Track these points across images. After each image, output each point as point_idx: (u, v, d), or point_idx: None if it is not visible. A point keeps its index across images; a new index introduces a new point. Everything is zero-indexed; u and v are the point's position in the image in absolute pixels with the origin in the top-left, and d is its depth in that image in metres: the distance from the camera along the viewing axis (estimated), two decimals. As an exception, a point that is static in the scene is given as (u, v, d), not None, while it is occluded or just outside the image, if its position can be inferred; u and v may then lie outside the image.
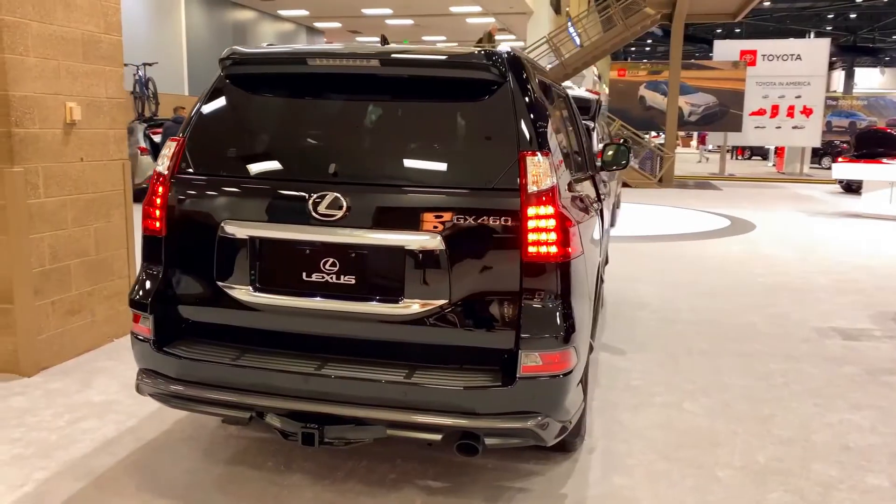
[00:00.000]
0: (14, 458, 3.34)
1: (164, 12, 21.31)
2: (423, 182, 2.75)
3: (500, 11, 26.05)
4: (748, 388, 4.44)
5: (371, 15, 26.54)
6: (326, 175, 2.78)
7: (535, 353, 2.65)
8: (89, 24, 4.69)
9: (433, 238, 2.66)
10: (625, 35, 20.61)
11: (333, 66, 2.85)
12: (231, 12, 24.61)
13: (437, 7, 24.85)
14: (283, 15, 27.03)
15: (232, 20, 24.56)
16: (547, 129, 2.92)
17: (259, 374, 2.77)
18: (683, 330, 5.67)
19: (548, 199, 2.67)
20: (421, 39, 31.45)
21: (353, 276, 2.75)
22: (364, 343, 2.84)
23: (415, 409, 2.67)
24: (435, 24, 28.08)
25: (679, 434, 3.75)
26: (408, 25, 28.62)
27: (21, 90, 4.20)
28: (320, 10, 25.96)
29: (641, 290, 7.04)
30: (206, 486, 3.13)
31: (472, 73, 2.79)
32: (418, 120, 2.86)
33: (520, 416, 2.66)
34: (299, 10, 26.16)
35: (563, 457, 3.45)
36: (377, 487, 3.14)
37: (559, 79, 20.34)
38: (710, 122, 24.19)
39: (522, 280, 2.67)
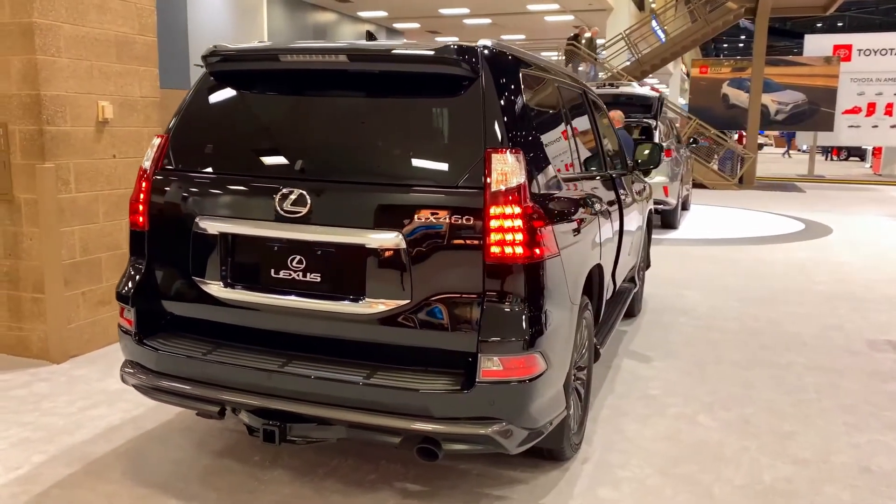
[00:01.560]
0: (21, 440, 3.50)
1: (247, 15, 22.03)
2: (386, 179, 2.71)
3: (578, 9, 25.64)
4: (774, 402, 4.18)
5: (448, 15, 26.62)
6: (295, 172, 2.77)
7: (495, 357, 2.57)
8: (123, 26, 4.86)
9: (394, 237, 2.61)
10: (705, 31, 19.93)
11: (304, 63, 2.84)
12: (312, 14, 25.20)
13: (514, 6, 24.67)
14: (362, 16, 27.46)
15: (312, 22, 25.14)
16: (523, 126, 2.83)
17: (226, 370, 2.79)
18: (720, 338, 5.40)
19: (514, 198, 2.57)
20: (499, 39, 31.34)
21: (319, 274, 2.74)
22: (331, 342, 2.82)
23: (373, 410, 2.63)
24: (512, 22, 27.91)
25: (684, 448, 3.56)
26: (485, 25, 28.54)
27: (53, 90, 4.40)
28: (398, 11, 26.23)
29: (688, 295, 6.75)
30: (189, 476, 3.19)
31: (442, 68, 2.72)
32: (387, 116, 2.82)
33: (479, 422, 2.58)
34: (378, 11, 26.51)
35: (553, 465, 3.34)
36: (354, 487, 3.12)
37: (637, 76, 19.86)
38: (798, 121, 23.04)
39: (485, 281, 2.59)
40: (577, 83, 4.20)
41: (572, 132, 3.62)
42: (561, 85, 3.69)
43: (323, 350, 2.83)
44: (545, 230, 2.69)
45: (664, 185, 9.87)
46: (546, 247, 2.69)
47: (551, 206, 2.89)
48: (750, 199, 16.06)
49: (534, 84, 3.23)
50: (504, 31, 29.89)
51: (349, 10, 26.22)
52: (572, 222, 3.07)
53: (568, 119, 3.62)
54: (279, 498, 3.03)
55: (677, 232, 10.56)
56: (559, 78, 3.70)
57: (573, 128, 3.68)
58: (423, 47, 2.74)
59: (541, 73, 3.38)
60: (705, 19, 19.58)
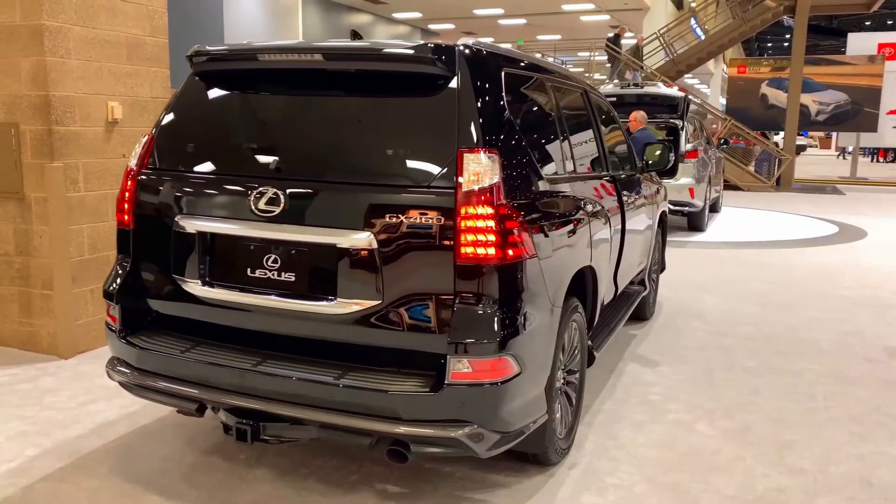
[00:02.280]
0: (18, 434, 3.57)
1: (282, 17, 22.29)
2: (359, 179, 2.69)
3: (614, 8, 25.38)
4: (780, 410, 4.06)
5: (483, 15, 26.58)
6: (271, 171, 2.78)
7: (465, 359, 2.53)
8: (134, 28, 4.94)
9: (365, 237, 2.59)
10: (743, 29, 19.57)
11: (281, 62, 2.84)
12: (347, 16, 25.39)
13: (548, 5, 24.52)
14: (396, 18, 27.57)
15: (347, 23, 25.32)
16: (502, 126, 2.79)
17: (201, 368, 2.81)
18: (733, 344, 5.27)
19: (486, 198, 2.54)
20: (535, 39, 31.20)
21: (293, 274, 2.74)
22: (307, 342, 2.82)
23: (342, 411, 2.61)
24: (548, 23, 27.75)
25: (677, 455, 3.48)
26: (520, 25, 28.43)
27: (62, 90, 4.49)
28: (432, 11, 26.27)
29: (705, 299, 6.61)
30: (173, 473, 3.22)
31: (417, 67, 2.69)
32: (362, 115, 2.81)
33: (448, 425, 2.55)
34: (412, 12, 26.59)
35: (539, 470, 3.28)
36: (335, 488, 3.11)
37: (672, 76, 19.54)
38: (840, 121, 22.47)
39: (456, 282, 2.56)
40: (576, 83, 4.12)
41: (565, 132, 3.55)
42: (555, 85, 3.63)
43: (299, 350, 2.83)
44: (520, 231, 2.65)
45: (690, 186, 9.70)
46: (521, 248, 2.65)
47: (531, 207, 2.84)
48: (785, 201, 15.70)
49: (520, 84, 3.18)
50: (540, 32, 29.76)
51: (384, 11, 26.34)
52: (555, 223, 3.01)
53: (561, 119, 3.56)
54: (258, 497, 3.03)
55: (704, 234, 10.36)
56: (553, 78, 3.63)
57: (567, 128, 3.61)
58: (398, 46, 2.72)
59: (529, 72, 3.32)
60: (742, 18, 19.20)
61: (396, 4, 25.22)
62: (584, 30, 29.31)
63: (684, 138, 9.84)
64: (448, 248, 2.55)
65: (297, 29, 22.75)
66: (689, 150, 9.76)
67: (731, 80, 23.16)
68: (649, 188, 5.28)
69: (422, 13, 26.70)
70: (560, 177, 3.32)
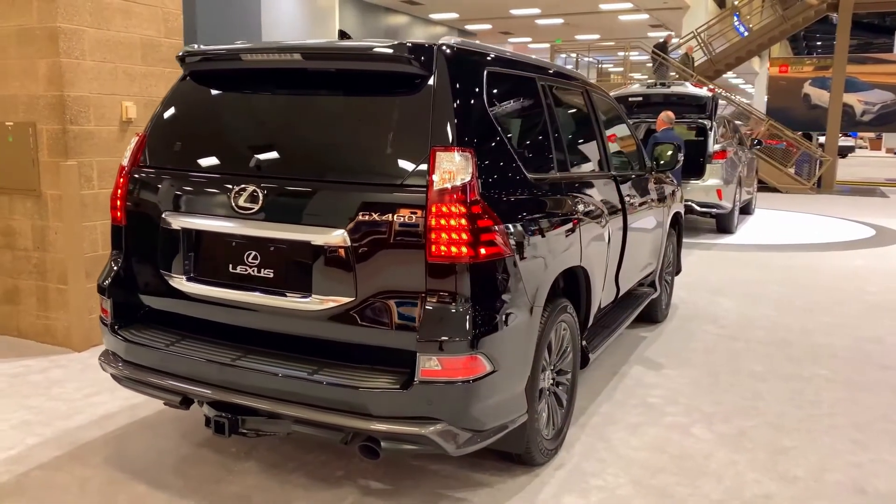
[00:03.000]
0: (21, 423, 3.69)
1: (319, 19, 22.54)
2: (334, 177, 2.73)
3: (653, 7, 25.06)
4: (781, 415, 3.98)
5: (520, 15, 26.51)
6: (251, 169, 2.83)
7: (434, 357, 2.54)
8: (149, 30, 5.06)
9: (339, 234, 2.62)
10: (783, 28, 19.17)
11: (263, 62, 2.89)
12: (384, 17, 25.55)
13: (586, 5, 24.34)
14: (433, 18, 27.66)
15: (384, 25, 25.50)
16: (481, 125, 2.79)
17: (184, 362, 2.87)
18: (744, 348, 5.18)
19: (458, 197, 2.54)
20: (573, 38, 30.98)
21: (272, 270, 2.78)
22: (284, 337, 2.86)
23: (315, 406, 2.65)
24: (585, 22, 27.53)
25: (668, 459, 3.44)
26: (558, 25, 28.27)
27: (76, 91, 4.63)
28: (469, 12, 26.29)
29: (723, 303, 6.50)
30: (165, 465, 3.29)
31: (394, 66, 2.72)
32: (339, 114, 2.84)
33: (418, 422, 2.56)
34: (449, 13, 26.64)
35: (525, 471, 3.28)
36: (319, 482, 3.15)
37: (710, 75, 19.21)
38: (887, 121, 21.88)
39: (427, 280, 2.57)
40: (575, 82, 4.09)
41: (558, 132, 3.53)
42: (550, 84, 3.61)
43: (281, 346, 2.87)
44: (495, 230, 2.65)
45: (717, 188, 9.54)
46: (495, 247, 2.65)
47: (511, 206, 2.84)
48: (824, 203, 15.31)
49: (506, 83, 3.18)
50: (578, 31, 29.54)
51: (420, 12, 26.44)
52: (538, 223, 2.99)
53: (554, 118, 3.53)
54: (241, 489, 3.09)
55: (733, 237, 10.17)
56: (547, 77, 3.61)
57: (561, 127, 3.59)
58: (376, 45, 2.74)
59: (518, 71, 3.32)
60: (783, 15, 18.80)
61: (432, 5, 25.29)
62: (622, 29, 29.01)
63: (712, 139, 9.67)
64: (421, 246, 2.56)
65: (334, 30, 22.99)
66: (717, 151, 9.59)
67: (772, 80, 22.68)
68: (660, 189, 5.21)
69: (458, 14, 26.74)
70: (549, 176, 3.31)
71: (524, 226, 2.89)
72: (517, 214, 2.87)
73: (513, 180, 2.94)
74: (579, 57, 25.15)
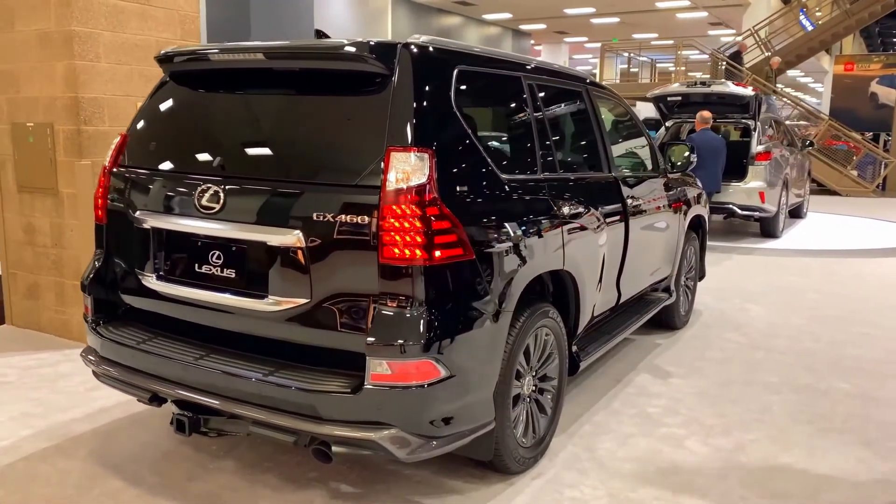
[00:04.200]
0: (20, 414, 3.81)
1: (372, 20, 22.75)
2: (291, 177, 2.72)
3: (712, 4, 24.41)
4: (786, 430, 3.79)
5: (574, 15, 26.20)
6: (215, 169, 2.84)
7: (383, 360, 2.50)
8: (165, 32, 5.17)
9: (294, 235, 2.60)
10: (847, 24, 18.41)
11: (230, 62, 2.90)
12: (437, 18, 25.62)
13: (642, 3, 23.89)
14: (487, 19, 27.58)
15: (437, 26, 25.55)
16: (446, 125, 2.74)
17: (152, 360, 2.90)
18: (763, 358, 4.96)
19: (412, 198, 2.49)
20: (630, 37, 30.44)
21: (234, 270, 2.79)
22: (251, 338, 2.86)
23: (269, 407, 2.63)
24: (642, 20, 27.02)
25: (654, 472, 3.31)
26: (613, 24, 27.82)
27: (91, 92, 4.75)
28: (522, 12, 26.13)
29: (751, 310, 6.25)
30: (145, 460, 3.34)
31: (353, 65, 2.68)
32: (300, 114, 2.82)
33: (367, 427, 2.52)
34: (502, 13, 26.53)
35: (501, 479, 3.20)
36: (289, 484, 3.14)
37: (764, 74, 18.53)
38: (959, 121, 20.67)
39: (379, 283, 2.53)
40: (571, 81, 3.97)
41: (545, 132, 3.44)
42: (539, 83, 3.52)
43: (245, 346, 2.87)
44: (454, 232, 2.59)
45: (760, 190, 9.19)
46: (453, 249, 2.58)
47: (476, 208, 2.77)
48: (886, 207, 14.59)
49: (481, 82, 3.11)
50: (634, 30, 29.02)
51: (473, 13, 26.42)
52: (507, 225, 2.91)
53: (541, 119, 3.44)
54: (213, 488, 3.10)
55: (778, 241, 9.78)
56: (534, 76, 3.51)
57: (549, 127, 3.49)
58: (337, 44, 2.71)
59: (497, 70, 3.24)
60: (847, 10, 18.03)
61: (485, 5, 25.22)
62: (681, 28, 28.36)
63: (756, 139, 9.33)
64: (374, 248, 2.52)
65: (387, 32, 23.16)
66: (760, 152, 9.24)
67: (837, 78, 21.75)
68: (677, 191, 5.04)
69: (511, 14, 26.61)
70: (530, 177, 3.22)
71: (492, 228, 2.82)
72: (484, 216, 2.80)
73: (482, 182, 2.87)
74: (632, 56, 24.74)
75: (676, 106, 9.98)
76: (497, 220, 2.87)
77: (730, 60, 16.92)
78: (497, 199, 2.94)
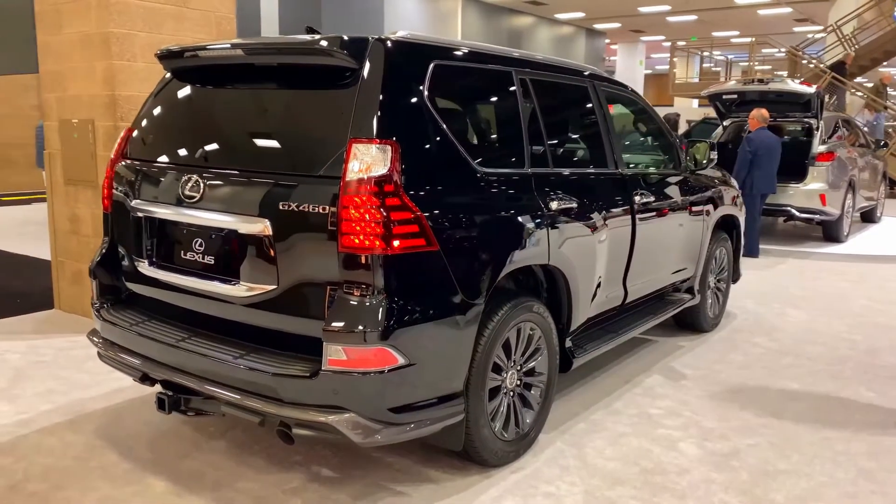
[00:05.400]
0: (45, 391, 4.07)
1: (442, 21, 22.93)
2: (262, 168, 2.82)
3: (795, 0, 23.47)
4: (790, 438, 3.65)
5: (648, 13, 25.69)
6: (197, 159, 2.98)
7: (339, 346, 2.57)
8: (200, 33, 5.40)
9: (261, 223, 2.70)
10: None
11: (213, 58, 3.03)
12: (508, 19, 25.59)
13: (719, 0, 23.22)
14: (559, 18, 27.36)
15: (508, 26, 25.53)
16: (413, 118, 2.78)
17: (140, 341, 3.06)
18: (789, 364, 4.78)
19: (371, 188, 2.55)
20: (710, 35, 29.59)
21: (213, 257, 2.91)
22: (229, 323, 2.97)
23: (238, 388, 2.74)
24: (721, 18, 26.23)
25: (636, 472, 3.26)
26: (691, 22, 27.12)
27: (127, 91, 5.02)
28: (596, 11, 25.81)
29: (792, 315, 6.02)
30: (144, 437, 3.52)
31: (323, 59, 2.75)
32: (276, 107, 2.93)
33: (324, 410, 2.60)
34: (574, 12, 26.26)
35: (480, 471, 3.22)
36: (273, 465, 3.25)
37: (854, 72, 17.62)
38: None
39: (339, 271, 2.60)
40: (576, 76, 3.93)
41: (537, 126, 3.43)
42: (532, 78, 3.50)
43: (225, 331, 2.99)
44: (414, 223, 2.63)
45: (821, 192, 8.80)
46: (414, 239, 2.63)
47: (445, 200, 2.80)
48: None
49: (463, 77, 3.14)
50: (714, 28, 28.20)
51: (545, 12, 26.25)
52: (479, 218, 2.93)
53: (532, 113, 3.43)
54: (200, 466, 3.24)
55: (841, 246, 9.34)
56: (528, 70, 3.50)
57: (542, 122, 3.48)
58: (310, 39, 2.80)
59: (483, 65, 3.25)
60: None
61: (557, 5, 25.04)
62: (764, 24, 27.41)
63: (818, 139, 8.95)
64: (333, 236, 2.60)
65: (457, 32, 23.30)
66: (822, 153, 8.85)
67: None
68: (700, 189, 4.91)
69: (584, 13, 26.32)
70: (513, 172, 3.22)
71: (461, 221, 2.84)
72: (454, 209, 2.83)
73: (454, 175, 2.90)
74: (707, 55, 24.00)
75: (734, 105, 9.67)
76: (468, 214, 2.89)
77: (836, 75, 15.63)
78: (470, 193, 2.96)
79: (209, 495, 3.01)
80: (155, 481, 3.11)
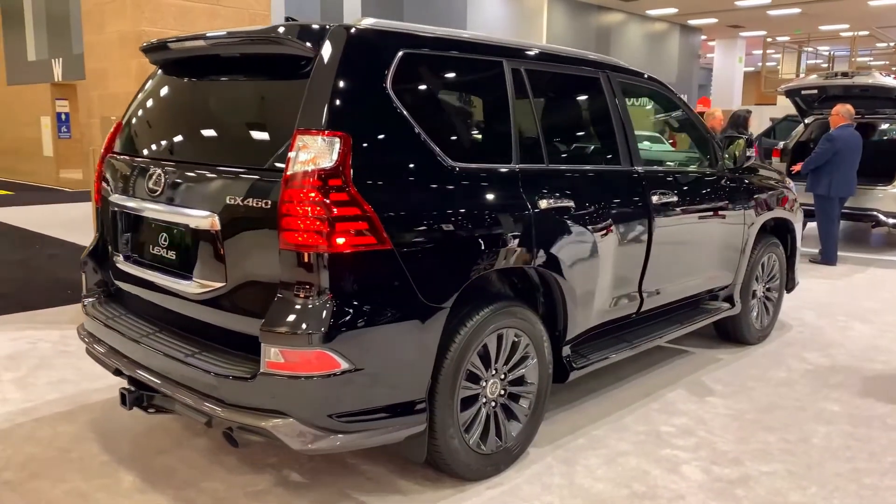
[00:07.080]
0: (58, 380, 4.17)
1: (527, 18, 22.61)
2: (213, 161, 2.74)
3: (910, -11, 21.79)
4: (814, 466, 3.28)
5: (747, 7, 24.47)
6: (162, 153, 2.95)
7: (275, 348, 2.45)
8: (234, 31, 5.43)
9: (208, 217, 2.63)
10: None
11: (182, 49, 2.98)
12: (595, 15, 24.96)
13: (823, -9, 21.88)
14: (651, 14, 26.48)
15: (595, 24, 24.91)
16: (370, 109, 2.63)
17: (112, 335, 3.06)
18: (838, 383, 4.33)
19: (314, 182, 2.42)
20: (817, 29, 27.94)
21: (174, 252, 2.87)
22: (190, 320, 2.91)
23: (186, 387, 2.68)
24: (826, 11, 24.67)
25: (625, 495, 2.99)
26: (794, 15, 25.67)
27: (159, 88, 5.10)
28: (690, 6, 24.80)
29: (856, 329, 5.48)
30: (129, 431, 3.52)
31: (277, 48, 2.65)
32: (235, 99, 2.85)
33: (262, 414, 2.49)
34: (667, 8, 25.35)
35: (454, 483, 3.04)
36: (246, 467, 3.18)
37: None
38: None
39: (281, 269, 2.48)
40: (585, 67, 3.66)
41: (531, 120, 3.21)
42: (528, 68, 3.28)
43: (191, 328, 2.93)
44: (363, 220, 2.48)
45: (904, 195, 8.05)
46: (364, 237, 2.48)
47: (403, 197, 2.64)
48: None
49: (438, 67, 2.97)
50: (820, 21, 26.63)
51: (636, 8, 25.47)
52: (447, 215, 2.74)
53: (526, 106, 3.21)
54: (174, 462, 3.21)
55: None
56: (523, 60, 3.27)
57: (538, 116, 3.25)
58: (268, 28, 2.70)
59: (464, 55, 3.06)
60: None
61: (649, 0, 24.23)
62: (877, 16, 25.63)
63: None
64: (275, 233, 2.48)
65: (542, 31, 22.93)
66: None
67: None
68: (742, 190, 4.52)
69: (678, 8, 25.34)
70: (495, 167, 3.01)
71: (422, 219, 2.67)
72: (414, 206, 2.66)
73: (418, 170, 2.73)
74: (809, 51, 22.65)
75: (816, 101, 8.98)
76: (432, 211, 2.71)
77: None
78: (438, 190, 2.78)
79: (172, 493, 2.96)
80: (125, 476, 3.10)
